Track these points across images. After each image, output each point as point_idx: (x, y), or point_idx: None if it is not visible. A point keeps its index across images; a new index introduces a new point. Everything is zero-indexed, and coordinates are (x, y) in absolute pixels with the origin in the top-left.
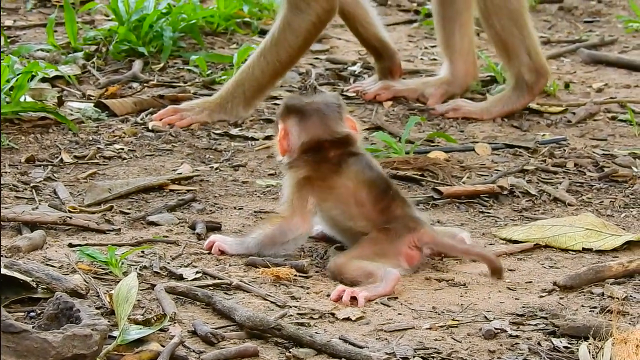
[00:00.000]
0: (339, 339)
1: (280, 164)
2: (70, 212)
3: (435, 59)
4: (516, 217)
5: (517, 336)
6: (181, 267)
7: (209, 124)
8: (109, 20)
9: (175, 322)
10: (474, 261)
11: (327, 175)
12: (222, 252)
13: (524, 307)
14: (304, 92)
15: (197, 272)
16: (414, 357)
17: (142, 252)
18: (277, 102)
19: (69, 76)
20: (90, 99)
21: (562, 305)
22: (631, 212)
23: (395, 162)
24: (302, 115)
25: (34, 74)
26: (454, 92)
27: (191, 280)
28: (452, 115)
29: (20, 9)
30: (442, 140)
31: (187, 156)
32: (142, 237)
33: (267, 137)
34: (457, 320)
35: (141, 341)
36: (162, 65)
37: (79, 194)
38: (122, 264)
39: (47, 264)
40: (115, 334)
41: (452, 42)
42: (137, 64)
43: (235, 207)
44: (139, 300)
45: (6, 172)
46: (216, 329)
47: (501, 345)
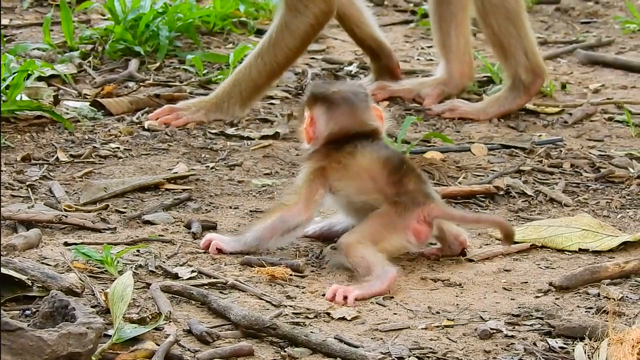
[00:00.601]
0: (334, 338)
1: (301, 153)
2: (65, 210)
3: (431, 60)
4: (512, 217)
5: (512, 336)
6: (177, 266)
7: (205, 123)
8: (105, 19)
9: (170, 321)
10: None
11: (343, 157)
12: (220, 251)
13: (519, 307)
14: (329, 79)
15: (192, 271)
16: (409, 356)
17: (138, 251)
18: (273, 102)
19: (65, 75)
20: (86, 98)
21: (558, 305)
22: (627, 212)
23: None
24: (330, 103)
25: (30, 72)
26: (450, 93)
27: (186, 279)
28: (448, 115)
29: (16, 7)
30: (438, 140)
31: (183, 155)
32: (137, 236)
33: (263, 137)
34: (453, 320)
35: (136, 340)
36: (158, 64)
37: (75, 193)
38: (118, 262)
39: (42, 263)
40: (110, 332)
41: (449, 42)
42: (133, 63)
43: (231, 207)
44: (134, 299)
45: (2, 171)
46: (211, 328)
47: (497, 345)
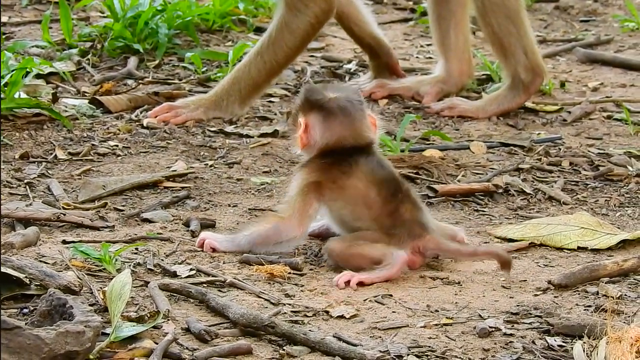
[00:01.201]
0: (333, 336)
1: (287, 155)
2: (64, 208)
3: (430, 57)
4: (511, 215)
5: (511, 335)
6: (175, 264)
7: (204, 121)
8: (104, 17)
9: (168, 320)
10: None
11: (338, 176)
12: (214, 250)
13: (518, 305)
14: (324, 83)
15: (191, 270)
16: (408, 355)
17: (136, 249)
18: (272, 99)
19: (63, 73)
20: (85, 95)
21: (557, 303)
22: (626, 211)
23: (390, 160)
24: (327, 112)
25: (28, 70)
26: (449, 91)
27: (185, 277)
28: (447, 113)
29: (15, 5)
30: (437, 138)
31: (182, 153)
32: (136, 234)
33: (262, 135)
34: (452, 318)
35: (134, 338)
36: (157, 62)
37: (73, 191)
38: (116, 260)
39: (40, 261)
40: (108, 330)
41: (447, 40)
42: (132, 61)
43: (229, 205)
44: (132, 297)
45: (1, 169)
46: (210, 326)
47: (495, 343)
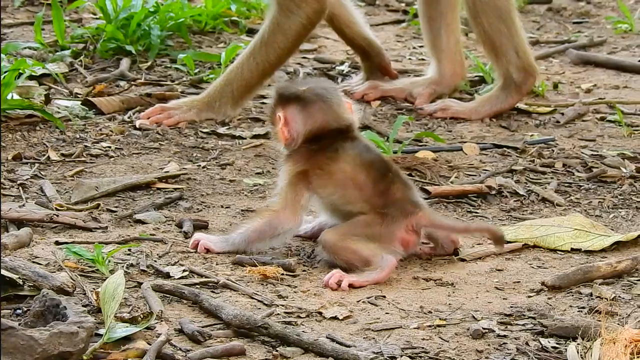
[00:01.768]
0: (326, 337)
1: (279, 155)
2: (57, 209)
3: (423, 59)
4: (504, 217)
5: (505, 336)
6: (168, 265)
7: (197, 122)
8: (97, 18)
9: (161, 320)
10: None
11: (325, 162)
12: (208, 251)
13: (512, 307)
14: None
15: (184, 271)
16: (402, 356)
17: (129, 250)
18: (264, 101)
19: (56, 74)
20: (77, 97)
21: (551, 305)
22: (620, 212)
23: None
24: (304, 102)
25: (21, 71)
26: (442, 92)
27: (178, 278)
28: (440, 115)
29: (7, 6)
30: (430, 140)
31: (175, 154)
32: (129, 235)
33: (255, 136)
34: (445, 319)
35: (128, 339)
36: (149, 63)
37: (66, 192)
38: (109, 261)
39: (33, 262)
40: (101, 331)
41: (439, 42)
42: (125, 62)
43: (222, 206)
44: (125, 298)
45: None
46: (203, 327)
47: (489, 345)
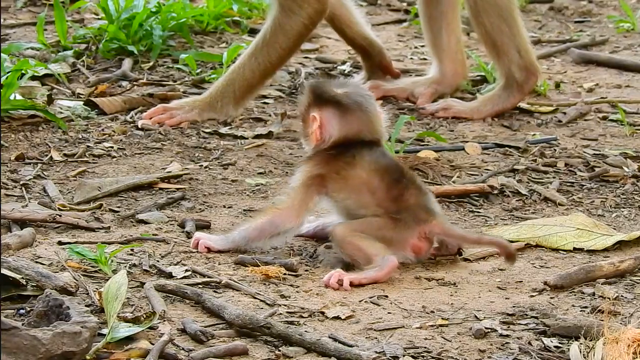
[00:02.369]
0: (329, 337)
1: (300, 153)
2: (59, 209)
3: (425, 59)
4: (506, 216)
5: (507, 336)
6: (170, 265)
7: (199, 122)
8: (99, 19)
9: (164, 320)
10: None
11: (342, 167)
12: (209, 250)
13: (514, 306)
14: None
15: (186, 270)
16: (404, 356)
17: (132, 250)
18: (266, 101)
19: (58, 74)
20: (79, 97)
21: (553, 304)
22: (622, 212)
23: None
24: (343, 107)
25: (24, 72)
26: (443, 92)
27: (180, 278)
28: (442, 114)
29: (10, 7)
30: (432, 139)
31: (177, 155)
32: (131, 235)
33: (257, 136)
34: (447, 319)
35: (130, 339)
36: (151, 63)
37: (69, 192)
38: (112, 261)
39: (36, 262)
40: (104, 331)
41: (440, 41)
42: (127, 63)
43: (224, 206)
44: (128, 298)
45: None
46: (205, 327)
47: (491, 344)
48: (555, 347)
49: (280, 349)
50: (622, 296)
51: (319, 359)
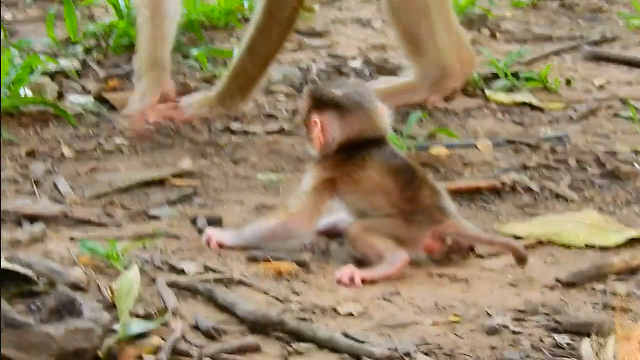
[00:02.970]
0: (341, 334)
1: (302, 154)
2: (71, 205)
3: None
4: (518, 213)
5: (519, 332)
6: (182, 261)
7: (210, 118)
8: (108, 14)
9: (176, 317)
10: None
11: (353, 170)
12: (221, 246)
13: (526, 303)
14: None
15: (198, 266)
16: (416, 352)
17: (143, 246)
18: (278, 97)
19: (69, 70)
20: (90, 93)
21: (564, 301)
22: (633, 208)
23: None
24: (342, 109)
25: (34, 67)
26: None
27: (192, 274)
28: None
29: (19, 2)
30: (444, 136)
31: (188, 151)
32: (143, 231)
33: (268, 132)
34: (459, 316)
35: (143, 335)
36: None
37: (80, 188)
38: (123, 257)
39: (47, 257)
40: (116, 327)
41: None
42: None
43: (236, 202)
44: (140, 294)
45: (6, 166)
46: (218, 323)
47: (503, 341)
48: (566, 344)
49: (292, 345)
50: (633, 293)
51: (331, 355)
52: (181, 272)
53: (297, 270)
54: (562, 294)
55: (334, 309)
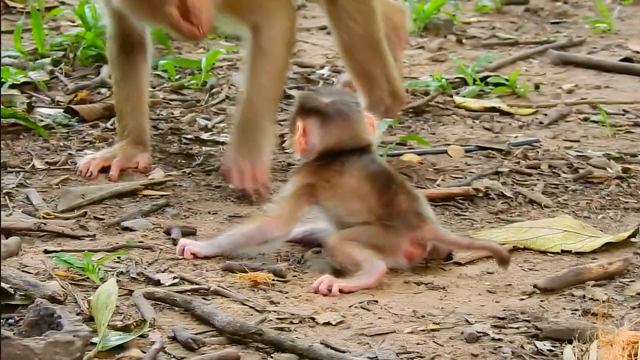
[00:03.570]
0: (321, 343)
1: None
2: (44, 218)
3: (403, 61)
4: (492, 219)
5: (499, 339)
6: (158, 272)
7: (181, 129)
8: (75, 26)
9: (155, 328)
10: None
11: (331, 176)
12: (195, 256)
13: (504, 310)
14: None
15: (174, 278)
16: None
17: (118, 257)
18: None
19: (38, 82)
20: (59, 105)
21: (544, 307)
22: (608, 213)
23: None
24: (324, 116)
25: (3, 80)
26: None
27: (169, 285)
28: None
29: None
30: (415, 142)
31: (159, 161)
32: (117, 243)
33: None
34: (439, 323)
35: (122, 347)
36: None
37: (52, 200)
38: (99, 269)
39: (23, 271)
40: (95, 340)
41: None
42: (105, 70)
43: (209, 212)
44: (117, 306)
45: None
46: (196, 334)
47: (484, 348)
48: (548, 350)
49: (272, 355)
50: (612, 298)
51: None
52: (157, 283)
53: (273, 280)
54: (540, 300)
55: (312, 319)
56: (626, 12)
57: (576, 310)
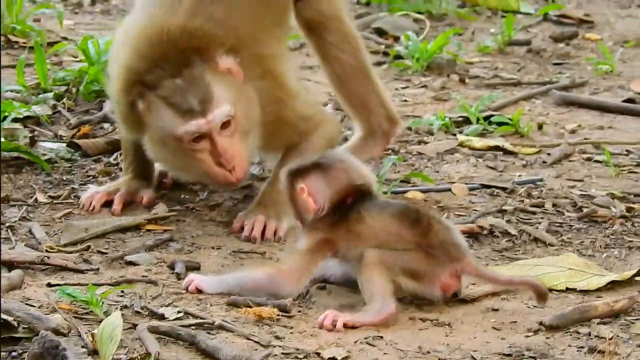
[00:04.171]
0: None
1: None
2: (47, 251)
3: (406, 100)
4: (497, 257)
5: None
6: (162, 306)
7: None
8: (78, 61)
9: None
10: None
11: (351, 225)
12: (200, 291)
13: (510, 347)
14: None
15: (178, 312)
16: None
17: (122, 291)
18: None
19: (41, 116)
20: (62, 139)
21: (549, 345)
22: (612, 252)
23: None
24: (323, 167)
25: (6, 114)
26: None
27: (173, 319)
28: None
29: None
30: (419, 180)
31: (163, 196)
32: (121, 277)
33: None
34: (444, 359)
35: None
36: None
37: (55, 234)
38: (103, 303)
39: (26, 304)
40: None
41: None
42: (108, 105)
43: (213, 247)
44: (121, 339)
45: None
46: None
47: None
48: None
49: None
50: (618, 336)
51: None
52: (161, 317)
53: (278, 315)
54: (546, 338)
55: (318, 354)
56: (628, 54)
57: (582, 347)
